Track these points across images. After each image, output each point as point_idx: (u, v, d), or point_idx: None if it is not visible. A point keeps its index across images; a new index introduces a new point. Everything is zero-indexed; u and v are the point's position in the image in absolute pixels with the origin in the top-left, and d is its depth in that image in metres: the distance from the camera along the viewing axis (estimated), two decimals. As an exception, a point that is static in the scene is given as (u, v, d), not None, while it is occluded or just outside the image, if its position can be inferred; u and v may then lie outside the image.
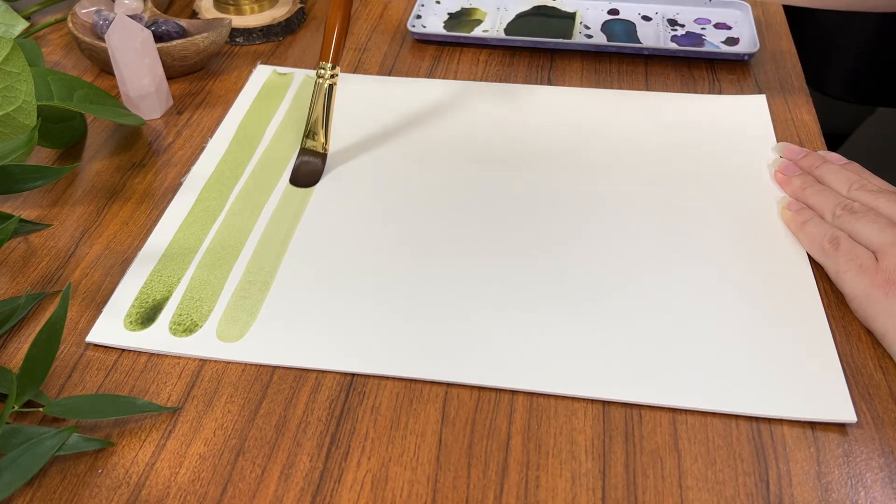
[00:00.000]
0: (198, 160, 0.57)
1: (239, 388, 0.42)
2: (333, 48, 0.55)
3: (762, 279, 0.48)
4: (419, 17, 0.71)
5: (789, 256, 0.49)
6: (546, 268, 0.48)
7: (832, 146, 0.58)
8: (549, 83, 0.64)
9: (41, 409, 0.41)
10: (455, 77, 0.65)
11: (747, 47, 0.66)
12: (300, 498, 0.38)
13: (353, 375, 0.43)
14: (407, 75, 0.65)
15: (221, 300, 0.47)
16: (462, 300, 0.46)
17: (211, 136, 0.59)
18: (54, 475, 0.39)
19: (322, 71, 0.55)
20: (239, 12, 0.71)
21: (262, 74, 0.65)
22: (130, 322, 0.45)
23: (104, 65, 0.65)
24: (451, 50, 0.68)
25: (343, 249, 0.50)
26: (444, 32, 0.69)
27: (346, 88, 0.62)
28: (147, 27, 0.63)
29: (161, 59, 0.61)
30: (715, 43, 0.68)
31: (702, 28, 0.70)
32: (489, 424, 0.41)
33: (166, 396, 0.42)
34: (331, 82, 0.55)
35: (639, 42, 0.67)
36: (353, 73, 0.66)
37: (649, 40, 0.68)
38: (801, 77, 0.65)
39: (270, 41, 0.70)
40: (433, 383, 0.42)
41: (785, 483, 0.38)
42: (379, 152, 0.57)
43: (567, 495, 0.38)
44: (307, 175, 0.55)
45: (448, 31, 0.69)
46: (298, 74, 0.65)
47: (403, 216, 0.52)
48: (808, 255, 0.49)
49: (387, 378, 0.43)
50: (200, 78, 0.66)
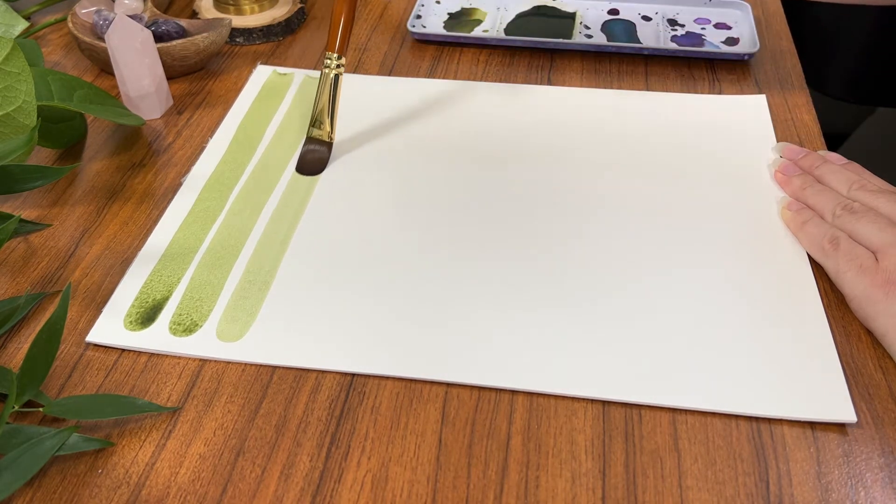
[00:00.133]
0: (198, 160, 0.57)
1: (239, 388, 0.42)
2: (339, 39, 0.56)
3: (762, 279, 0.48)
4: (419, 17, 0.71)
5: (789, 256, 0.49)
6: (546, 268, 0.48)
7: (832, 146, 0.58)
8: (549, 83, 0.64)
9: (41, 409, 0.41)
10: (455, 77, 0.65)
11: (747, 47, 0.66)
12: (300, 498, 0.38)
13: (353, 375, 0.43)
14: (407, 75, 0.65)
15: (221, 300, 0.47)
16: (462, 300, 0.46)
17: (211, 136, 0.59)
18: (54, 475, 0.39)
19: (328, 61, 0.56)
20: (239, 12, 0.71)
21: (263, 74, 0.65)
22: (130, 322, 0.46)
23: (104, 65, 0.65)
24: (451, 50, 0.68)
25: (343, 250, 0.50)
26: (444, 32, 0.69)
27: (346, 88, 0.62)
28: (147, 27, 0.63)
29: (161, 59, 0.61)
30: (715, 43, 0.68)
31: (702, 28, 0.70)
32: (489, 424, 0.41)
33: (166, 396, 0.42)
34: (336, 72, 0.56)
35: (639, 42, 0.67)
36: (353, 74, 0.66)
37: (649, 40, 0.68)
38: (801, 77, 0.65)
39: (270, 41, 0.70)
40: (433, 383, 0.42)
41: (785, 483, 0.38)
42: (377, 153, 0.57)
43: (567, 495, 0.38)
44: (313, 163, 0.56)
45: (448, 31, 0.69)
46: (298, 74, 0.65)
47: (403, 216, 0.52)
48: (808, 255, 0.49)
49: (387, 378, 0.43)
50: (200, 78, 0.66)
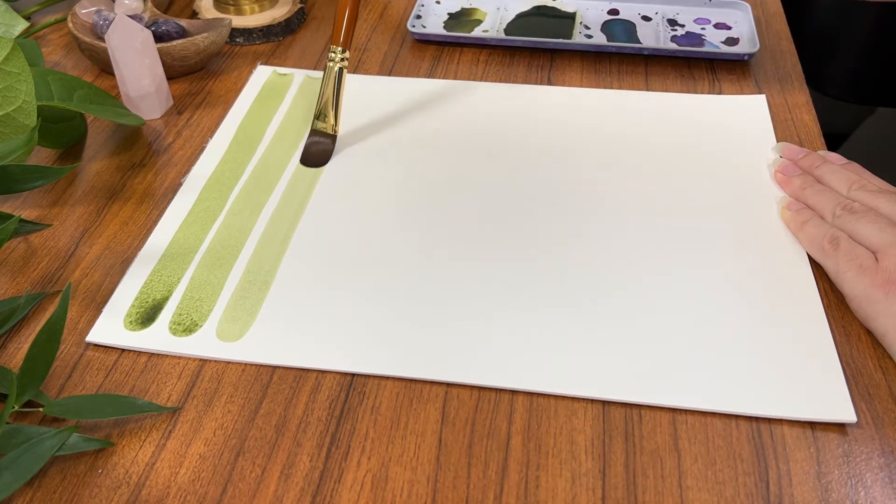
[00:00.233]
0: (198, 160, 0.57)
1: (239, 388, 0.42)
2: (344, 32, 0.57)
3: (762, 279, 0.48)
4: (419, 18, 0.71)
5: (789, 256, 0.49)
6: (546, 268, 0.48)
7: (832, 146, 0.58)
8: (549, 83, 0.64)
9: (41, 409, 0.41)
10: (455, 77, 0.65)
11: (747, 47, 0.66)
12: (300, 498, 0.38)
13: (353, 375, 0.43)
14: (407, 75, 0.65)
15: (221, 300, 0.47)
16: (462, 300, 0.46)
17: (211, 137, 0.59)
18: (54, 475, 0.39)
19: (332, 55, 0.57)
20: (239, 12, 0.71)
21: (263, 75, 0.65)
22: (130, 322, 0.46)
23: (104, 65, 0.65)
24: (451, 50, 0.68)
25: (343, 249, 0.50)
26: (444, 32, 0.69)
27: (346, 88, 0.62)
28: (147, 27, 0.63)
29: (161, 59, 0.61)
30: (715, 43, 0.68)
31: (702, 28, 0.70)
32: (489, 424, 0.41)
33: (166, 396, 0.42)
34: (341, 65, 0.57)
35: (639, 42, 0.67)
36: (353, 74, 0.66)
37: (649, 40, 0.68)
38: (801, 77, 0.65)
39: (270, 41, 0.70)
40: (433, 383, 0.42)
41: (785, 483, 0.38)
42: (376, 154, 0.57)
43: (567, 495, 0.38)
44: (317, 155, 0.57)
45: (448, 32, 0.69)
46: (298, 75, 0.65)
47: (403, 217, 0.52)
48: (808, 255, 0.49)
49: (387, 378, 0.43)
50: (200, 78, 0.66)
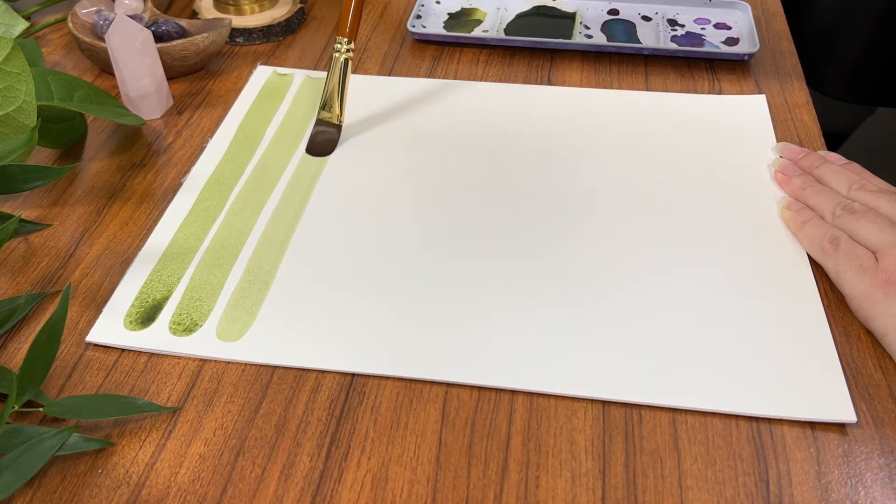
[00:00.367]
0: (198, 160, 0.57)
1: (239, 388, 0.42)
2: (350, 23, 0.58)
3: (762, 279, 0.48)
4: (419, 18, 0.71)
5: (789, 256, 0.49)
6: (546, 268, 0.48)
7: (832, 146, 0.58)
8: (549, 83, 0.64)
9: (41, 409, 0.41)
10: (455, 77, 0.65)
11: (747, 47, 0.66)
12: (300, 498, 0.38)
13: (353, 375, 0.43)
14: (407, 75, 0.65)
15: (221, 299, 0.47)
16: (462, 300, 0.46)
17: (211, 137, 0.59)
18: (54, 475, 0.39)
19: (338, 45, 0.58)
20: (239, 12, 0.71)
21: (263, 75, 0.65)
22: (130, 322, 0.46)
23: (104, 65, 0.65)
24: (451, 50, 0.68)
25: (343, 249, 0.50)
26: (444, 32, 0.69)
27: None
28: (147, 27, 0.63)
29: (161, 59, 0.61)
30: (715, 43, 0.68)
31: (702, 28, 0.70)
32: (489, 424, 0.41)
33: (166, 396, 0.42)
34: (346, 56, 0.58)
35: (639, 42, 0.67)
36: (353, 74, 0.66)
37: (649, 40, 0.68)
38: (801, 77, 0.65)
39: (270, 41, 0.70)
40: (433, 383, 0.42)
41: (785, 483, 0.38)
42: (375, 154, 0.57)
43: (567, 495, 0.38)
44: (323, 144, 0.57)
45: (448, 32, 0.69)
46: (298, 75, 0.65)
47: (403, 217, 0.52)
48: (808, 255, 0.49)
49: (387, 378, 0.43)
50: (200, 78, 0.66)
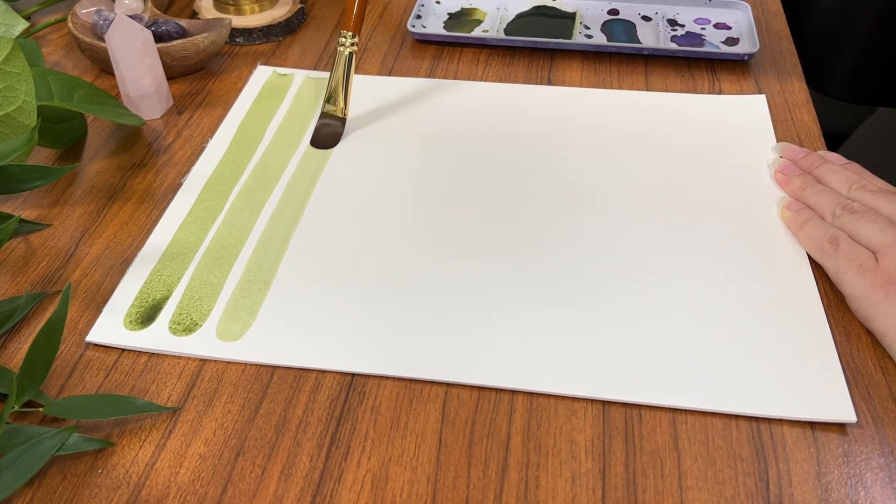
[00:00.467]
0: (198, 160, 0.57)
1: (239, 388, 0.42)
2: (354, 17, 0.58)
3: (762, 279, 0.48)
4: (419, 18, 0.71)
5: (789, 256, 0.49)
6: (546, 267, 0.48)
7: (832, 146, 0.58)
8: (549, 83, 0.64)
9: (41, 409, 0.41)
10: (455, 77, 0.65)
11: (747, 47, 0.66)
12: (300, 498, 0.38)
13: (353, 375, 0.43)
14: (407, 75, 0.65)
15: (221, 299, 0.47)
16: (462, 300, 0.46)
17: (211, 137, 0.59)
18: (54, 475, 0.39)
19: (343, 39, 0.58)
20: (239, 12, 0.71)
21: (263, 75, 0.65)
22: (130, 322, 0.46)
23: (104, 65, 0.65)
24: (451, 50, 0.68)
25: (343, 249, 0.50)
26: (444, 32, 0.69)
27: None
28: (147, 27, 0.63)
29: (161, 59, 0.61)
30: (715, 43, 0.68)
31: (702, 28, 0.70)
32: (489, 424, 0.41)
33: (166, 396, 0.42)
34: (350, 50, 0.59)
35: (639, 42, 0.67)
36: (353, 74, 0.65)
37: (649, 40, 0.68)
38: (801, 77, 0.65)
39: (270, 41, 0.70)
40: (433, 383, 0.42)
41: (785, 483, 0.38)
42: (374, 154, 0.57)
43: (567, 495, 0.38)
44: (327, 137, 0.58)
45: (448, 32, 0.69)
46: (299, 75, 0.65)
47: (403, 216, 0.52)
48: (808, 255, 0.49)
49: (387, 378, 0.43)
50: (200, 78, 0.66)
